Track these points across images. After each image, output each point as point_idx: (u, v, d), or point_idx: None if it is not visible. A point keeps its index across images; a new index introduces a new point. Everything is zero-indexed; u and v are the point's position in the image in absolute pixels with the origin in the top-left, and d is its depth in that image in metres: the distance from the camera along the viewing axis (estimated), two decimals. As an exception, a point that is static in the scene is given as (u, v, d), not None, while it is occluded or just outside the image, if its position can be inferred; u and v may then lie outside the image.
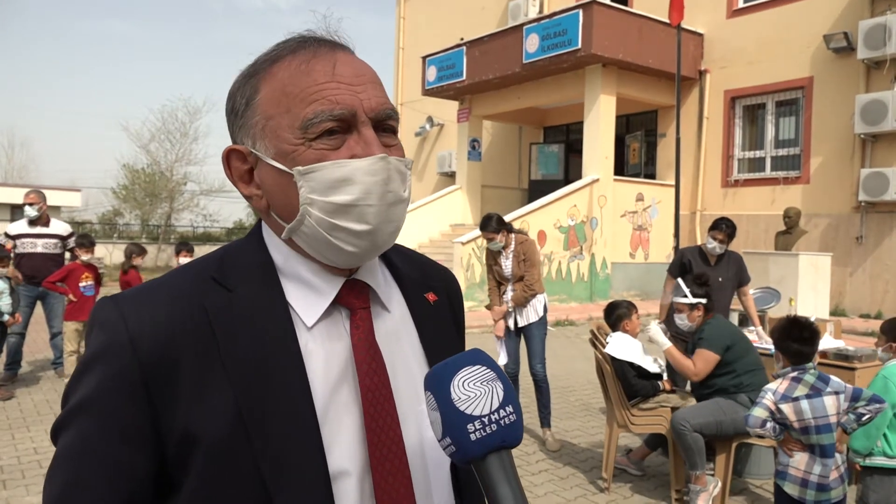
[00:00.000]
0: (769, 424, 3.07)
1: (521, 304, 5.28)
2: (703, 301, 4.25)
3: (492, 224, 5.29)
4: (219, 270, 0.87)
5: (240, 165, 0.89)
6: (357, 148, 0.83)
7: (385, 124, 0.87)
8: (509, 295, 5.35)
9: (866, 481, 3.30)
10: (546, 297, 5.43)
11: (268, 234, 0.91)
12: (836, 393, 3.02)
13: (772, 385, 3.15)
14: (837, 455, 3.05)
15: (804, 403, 3.00)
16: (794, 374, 3.10)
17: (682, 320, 4.30)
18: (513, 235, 5.40)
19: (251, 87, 0.87)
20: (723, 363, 4.12)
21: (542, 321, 5.36)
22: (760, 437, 3.35)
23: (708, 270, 5.33)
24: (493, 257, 5.46)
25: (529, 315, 5.31)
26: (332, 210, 0.82)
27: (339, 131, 0.83)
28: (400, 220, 0.87)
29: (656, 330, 4.38)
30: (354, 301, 0.90)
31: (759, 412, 3.08)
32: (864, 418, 3.02)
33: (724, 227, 5.30)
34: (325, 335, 0.87)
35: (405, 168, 0.87)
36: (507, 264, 5.36)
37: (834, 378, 3.10)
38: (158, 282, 0.88)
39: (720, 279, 5.33)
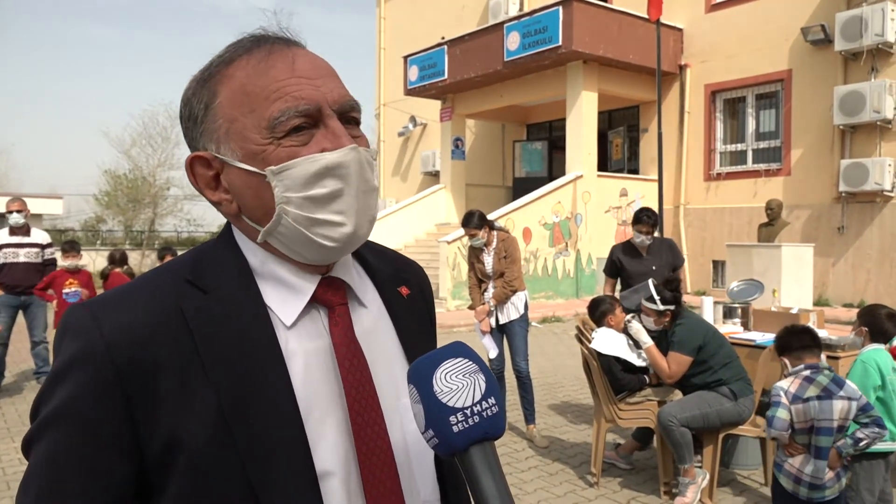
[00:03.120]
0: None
1: (501, 300, 5.28)
2: (672, 308, 4.26)
3: (474, 220, 5.29)
4: (193, 272, 0.85)
5: (205, 172, 0.87)
6: (326, 142, 0.83)
7: (348, 116, 0.87)
8: (490, 293, 5.35)
9: (854, 468, 3.29)
10: (527, 295, 5.43)
11: (239, 236, 0.90)
12: (850, 399, 2.91)
13: (783, 384, 3.02)
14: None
15: (813, 404, 2.91)
16: (807, 373, 2.97)
17: (648, 323, 4.33)
18: (495, 232, 5.40)
19: (208, 90, 0.85)
20: (698, 362, 4.14)
21: (524, 318, 5.36)
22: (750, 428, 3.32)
23: (639, 262, 5.33)
24: (475, 254, 5.46)
25: (510, 312, 5.31)
26: (311, 205, 0.82)
27: (306, 127, 0.82)
28: (375, 210, 0.88)
29: (638, 328, 4.38)
30: (332, 298, 0.89)
31: (782, 414, 2.95)
32: (861, 444, 2.95)
33: (645, 220, 5.28)
34: (304, 334, 0.86)
35: (372, 158, 0.87)
36: (488, 261, 5.36)
37: (850, 384, 2.97)
38: (132, 286, 0.86)
39: (654, 267, 5.30)
